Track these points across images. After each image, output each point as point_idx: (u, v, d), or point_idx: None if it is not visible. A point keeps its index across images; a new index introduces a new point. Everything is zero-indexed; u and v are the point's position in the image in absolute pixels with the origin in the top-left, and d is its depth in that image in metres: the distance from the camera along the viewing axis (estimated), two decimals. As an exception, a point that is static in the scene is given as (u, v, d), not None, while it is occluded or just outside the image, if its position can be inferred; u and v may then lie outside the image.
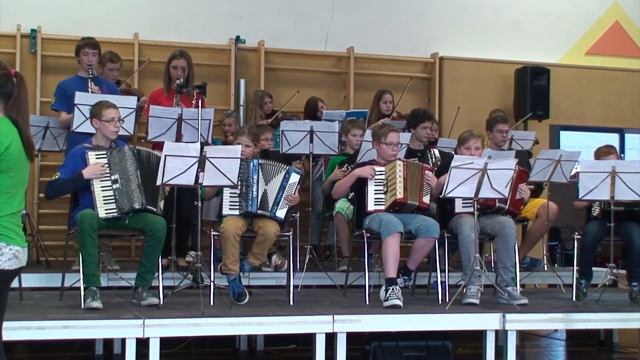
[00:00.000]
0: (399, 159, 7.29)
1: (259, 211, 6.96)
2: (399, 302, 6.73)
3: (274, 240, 7.03)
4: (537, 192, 9.00)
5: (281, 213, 7.03)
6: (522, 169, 7.54)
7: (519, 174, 7.35)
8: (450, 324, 6.68)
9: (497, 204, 7.30)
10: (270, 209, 6.99)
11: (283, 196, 7.02)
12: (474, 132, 7.61)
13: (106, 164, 6.62)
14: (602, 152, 7.95)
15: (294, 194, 7.09)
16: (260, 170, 7.01)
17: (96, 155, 6.64)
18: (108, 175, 6.61)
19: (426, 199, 7.26)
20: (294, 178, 7.09)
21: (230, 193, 6.98)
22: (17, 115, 4.08)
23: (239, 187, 6.91)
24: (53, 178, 6.74)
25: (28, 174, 4.25)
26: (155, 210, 6.74)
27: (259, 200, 6.96)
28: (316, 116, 9.87)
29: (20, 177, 4.14)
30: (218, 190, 7.12)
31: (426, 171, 7.26)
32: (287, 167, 7.12)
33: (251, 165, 7.00)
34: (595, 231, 7.58)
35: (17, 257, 4.10)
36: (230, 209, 6.98)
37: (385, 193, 7.14)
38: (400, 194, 7.06)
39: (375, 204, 7.15)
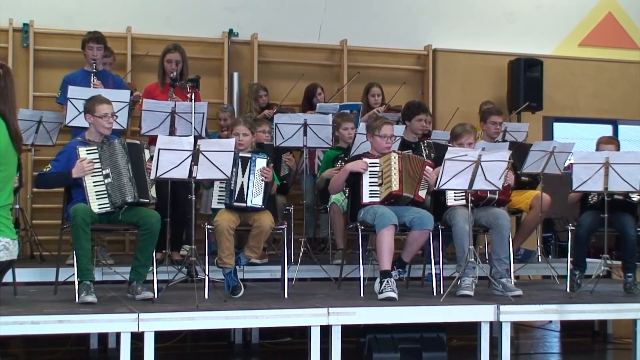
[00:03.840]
0: (394, 152, 7.29)
1: (235, 203, 6.93)
2: (393, 295, 6.73)
3: (269, 233, 7.02)
4: (533, 185, 8.99)
5: (257, 200, 6.97)
6: None
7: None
8: (445, 316, 6.69)
9: (488, 195, 7.32)
10: (245, 199, 6.97)
11: (254, 183, 6.98)
12: (466, 128, 7.61)
13: (96, 159, 6.61)
14: (603, 142, 7.97)
15: (267, 167, 7.05)
16: (239, 162, 6.99)
17: (87, 150, 6.63)
18: (99, 170, 6.60)
19: (422, 193, 7.27)
20: (260, 163, 7.04)
21: (220, 187, 6.98)
22: (4, 107, 4.06)
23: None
24: (44, 170, 6.76)
25: (16, 167, 4.23)
26: (148, 201, 6.74)
27: (237, 192, 6.93)
28: (312, 102, 9.88)
29: (9, 170, 4.12)
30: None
31: (427, 167, 7.26)
32: (251, 155, 7.07)
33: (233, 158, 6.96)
34: (589, 222, 7.59)
35: (8, 249, 4.10)
36: (218, 202, 6.99)
37: (380, 185, 7.15)
38: (395, 186, 7.06)
39: (370, 196, 7.15)
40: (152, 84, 8.73)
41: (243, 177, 6.97)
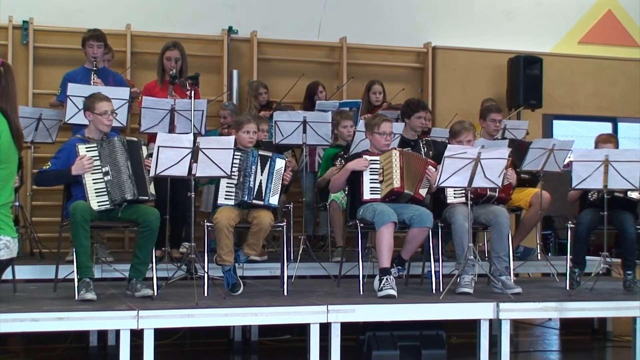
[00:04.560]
0: (395, 149, 7.29)
1: (254, 201, 6.94)
2: (393, 292, 6.73)
3: (268, 231, 7.02)
4: (533, 183, 8.97)
5: (274, 200, 7.01)
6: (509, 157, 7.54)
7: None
8: (444, 314, 6.69)
9: (488, 193, 7.32)
10: (263, 197, 6.98)
11: (272, 183, 7.00)
12: (465, 125, 7.60)
13: (96, 156, 6.61)
14: (601, 140, 7.96)
15: (285, 172, 7.08)
16: (258, 161, 7.00)
17: (86, 148, 6.63)
18: (99, 167, 6.60)
19: (422, 192, 7.27)
20: (279, 163, 7.07)
21: (227, 183, 6.95)
22: (5, 105, 4.07)
23: (237, 177, 6.90)
24: (44, 167, 6.75)
25: (17, 165, 4.24)
26: (147, 198, 6.74)
27: (256, 190, 6.95)
28: (313, 100, 9.88)
29: (10, 168, 4.13)
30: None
31: (429, 166, 7.25)
32: (271, 155, 7.10)
33: (251, 156, 6.98)
34: (589, 220, 7.59)
35: (9, 247, 4.10)
36: (225, 198, 6.96)
37: (381, 182, 7.15)
38: (397, 183, 7.06)
39: (371, 193, 7.15)
40: (151, 82, 8.72)
41: (262, 175, 6.97)
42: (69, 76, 8.33)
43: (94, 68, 8.31)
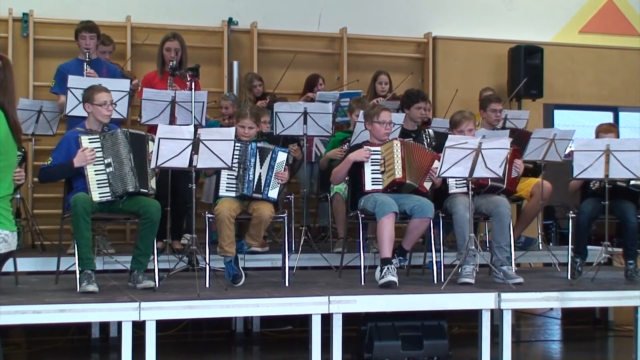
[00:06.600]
0: (396, 139, 7.28)
1: (254, 194, 6.94)
2: (393, 279, 6.73)
3: (269, 222, 7.03)
4: (536, 172, 8.95)
5: (273, 193, 7.01)
6: (516, 147, 7.54)
7: (513, 153, 7.35)
8: (446, 304, 6.68)
9: (493, 183, 7.30)
10: (262, 190, 6.98)
11: (273, 176, 7.00)
12: (465, 114, 7.60)
13: (98, 148, 6.61)
14: (602, 130, 7.94)
15: (283, 171, 7.07)
16: (257, 153, 6.99)
17: (89, 139, 6.63)
18: (101, 159, 6.60)
19: (427, 185, 7.26)
20: (281, 157, 7.07)
21: (228, 175, 6.95)
22: (3, 99, 4.07)
23: (237, 170, 6.90)
24: (45, 163, 6.75)
25: (16, 157, 4.23)
26: (147, 191, 6.73)
27: (255, 183, 6.94)
28: (313, 92, 9.88)
29: (9, 161, 4.12)
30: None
31: (436, 161, 7.22)
32: (274, 147, 7.09)
33: (249, 148, 6.98)
34: (590, 210, 7.57)
35: (7, 241, 4.09)
36: (227, 190, 6.96)
37: (382, 173, 7.14)
38: (398, 174, 7.05)
39: (372, 184, 7.15)
40: (151, 72, 8.72)
41: (261, 168, 6.97)
42: (63, 68, 8.29)
43: (87, 59, 8.27)
